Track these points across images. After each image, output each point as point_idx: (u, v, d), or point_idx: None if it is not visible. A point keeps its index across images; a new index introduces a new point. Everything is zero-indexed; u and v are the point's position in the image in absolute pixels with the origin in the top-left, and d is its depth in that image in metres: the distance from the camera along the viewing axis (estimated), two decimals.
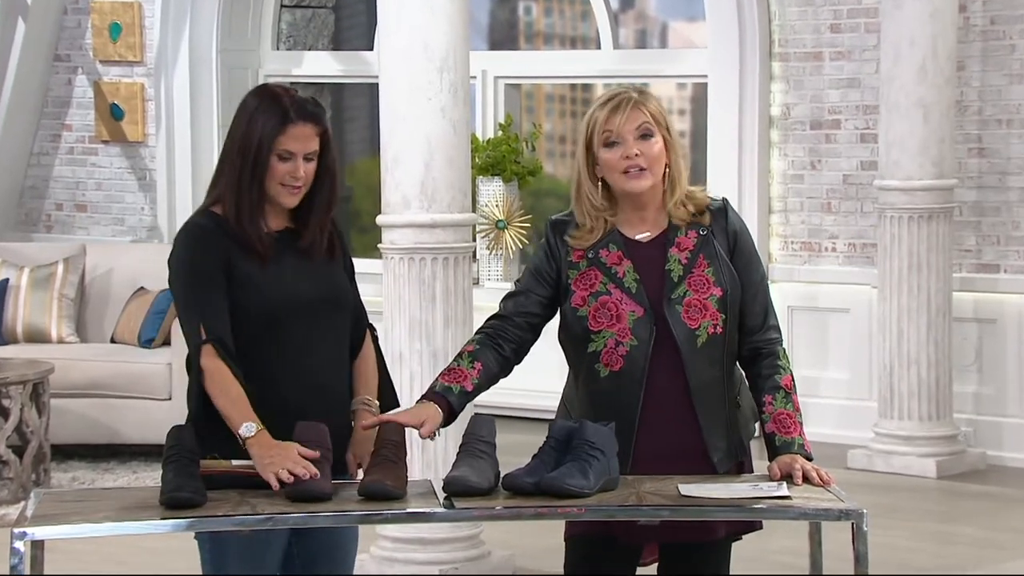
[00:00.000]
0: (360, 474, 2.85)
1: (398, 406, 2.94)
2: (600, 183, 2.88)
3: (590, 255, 2.87)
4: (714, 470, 2.88)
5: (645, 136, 2.84)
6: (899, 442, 6.15)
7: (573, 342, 2.88)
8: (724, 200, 2.94)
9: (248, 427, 2.74)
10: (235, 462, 2.77)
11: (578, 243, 2.87)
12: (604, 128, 2.84)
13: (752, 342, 2.90)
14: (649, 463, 2.86)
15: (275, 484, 2.68)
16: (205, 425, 2.77)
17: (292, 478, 2.68)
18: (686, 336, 2.83)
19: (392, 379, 2.99)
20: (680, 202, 2.88)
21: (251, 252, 2.81)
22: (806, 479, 2.82)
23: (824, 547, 2.94)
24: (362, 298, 2.99)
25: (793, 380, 2.91)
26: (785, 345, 2.96)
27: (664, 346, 2.84)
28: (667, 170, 2.88)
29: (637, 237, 2.89)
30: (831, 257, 6.76)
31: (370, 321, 2.98)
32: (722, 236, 2.89)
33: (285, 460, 2.70)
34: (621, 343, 2.83)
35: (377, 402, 2.91)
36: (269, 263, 2.81)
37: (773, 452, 2.88)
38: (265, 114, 2.81)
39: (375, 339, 2.97)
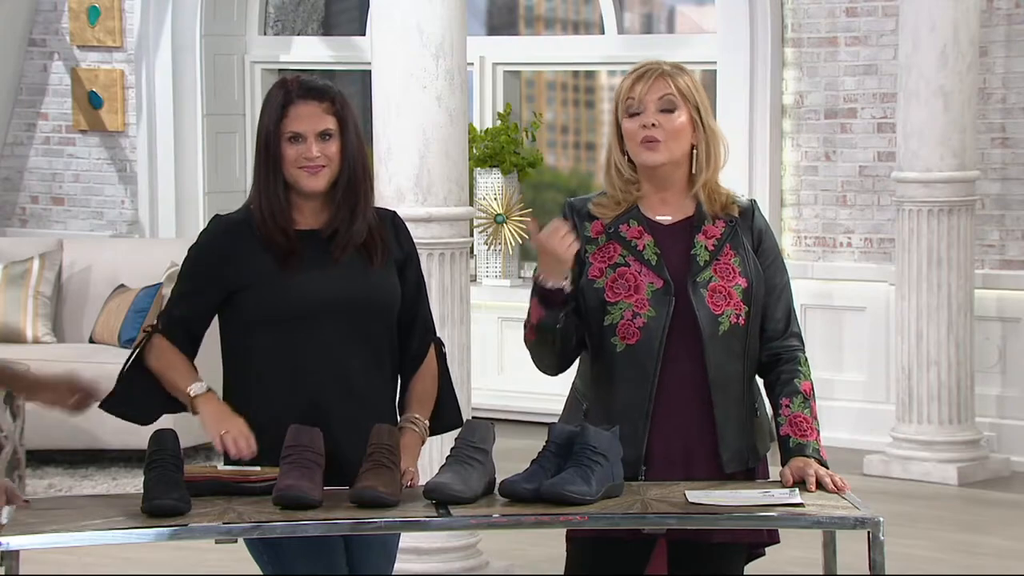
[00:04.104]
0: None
1: (461, 425, 2.95)
2: (627, 156, 2.92)
3: (610, 229, 2.91)
4: (721, 469, 2.89)
5: (667, 109, 2.88)
6: (918, 447, 6.16)
7: (589, 317, 2.90)
8: (752, 201, 3.00)
9: (199, 385, 2.83)
10: (220, 467, 2.79)
11: (602, 212, 2.91)
12: (627, 96, 2.89)
13: (772, 348, 2.94)
14: (661, 451, 2.87)
15: (218, 443, 2.76)
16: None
17: (234, 446, 2.75)
18: (708, 320, 2.87)
19: (457, 397, 3.00)
20: (709, 190, 2.92)
21: (273, 250, 2.85)
22: (819, 486, 2.83)
23: (839, 558, 2.95)
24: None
25: (813, 388, 2.95)
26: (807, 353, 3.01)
27: (684, 328, 2.87)
28: (694, 152, 2.90)
29: (658, 218, 2.93)
30: (846, 253, 6.77)
31: (437, 336, 2.99)
32: (748, 232, 2.94)
33: (237, 428, 2.77)
34: (638, 314, 2.86)
35: (426, 422, 2.93)
36: (291, 262, 2.84)
37: (787, 455, 2.90)
38: (271, 101, 2.86)
39: (442, 355, 2.98)
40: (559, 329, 2.85)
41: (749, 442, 2.93)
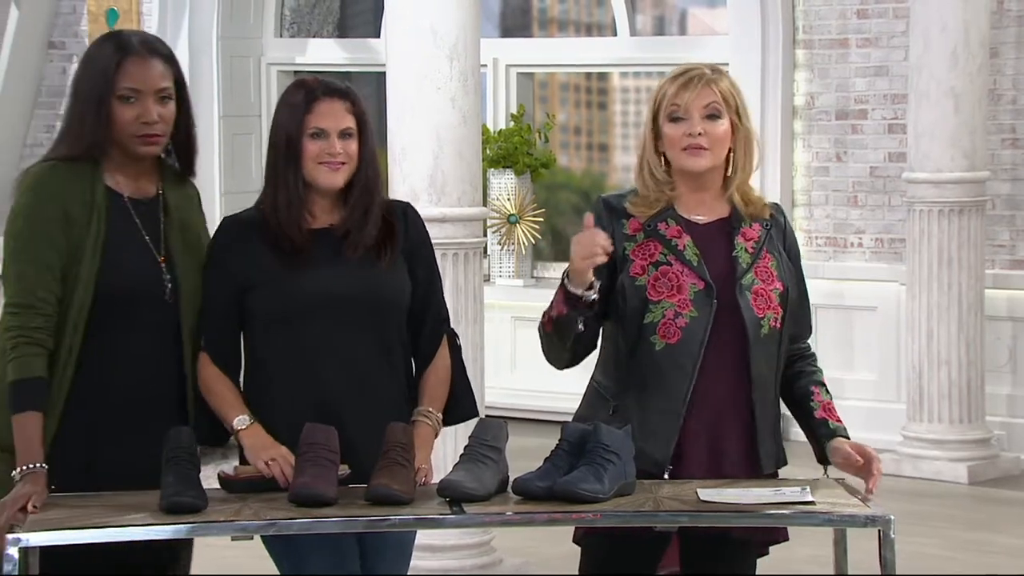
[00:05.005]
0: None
1: (476, 415, 2.96)
2: (663, 157, 2.93)
3: (647, 227, 2.90)
4: (760, 470, 2.90)
5: (712, 116, 2.89)
6: (929, 446, 6.14)
7: (628, 315, 2.88)
8: (780, 208, 3.02)
9: (241, 419, 2.82)
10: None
11: (638, 211, 2.91)
12: (672, 102, 2.89)
13: (791, 349, 2.96)
14: (689, 451, 2.86)
15: (265, 469, 2.76)
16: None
17: (281, 473, 2.75)
18: (753, 323, 2.87)
19: (472, 388, 2.99)
20: (743, 192, 2.93)
21: (284, 247, 2.85)
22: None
23: (850, 556, 2.94)
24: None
25: None
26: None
27: (728, 330, 2.86)
28: (731, 154, 2.92)
29: (694, 218, 2.93)
30: (857, 253, 6.75)
31: (451, 327, 2.97)
32: (780, 236, 2.96)
33: (283, 456, 2.77)
34: (680, 314, 2.85)
35: (439, 415, 2.92)
36: (301, 259, 2.85)
37: (829, 435, 2.90)
38: (292, 99, 2.86)
39: (456, 347, 2.96)
40: (576, 332, 2.83)
41: (779, 442, 2.94)
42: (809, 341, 3.01)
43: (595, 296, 2.81)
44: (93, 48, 2.85)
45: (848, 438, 2.90)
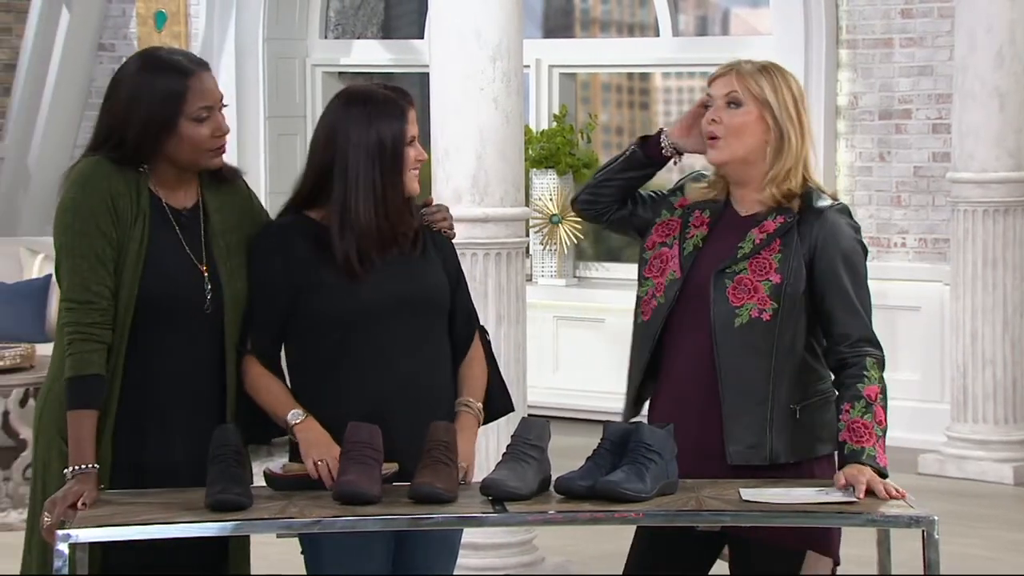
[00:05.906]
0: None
1: (512, 411, 3.00)
2: None
3: (686, 209, 2.96)
4: (726, 461, 2.83)
5: (731, 104, 2.88)
6: (973, 446, 6.09)
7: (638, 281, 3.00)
8: (834, 207, 2.90)
9: (295, 414, 2.82)
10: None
11: (691, 191, 2.96)
12: (708, 91, 2.94)
13: (839, 352, 2.87)
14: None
15: (312, 470, 2.76)
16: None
17: (328, 475, 2.74)
18: (724, 313, 2.85)
19: (506, 383, 3.00)
20: (777, 185, 2.88)
21: (356, 253, 2.83)
22: (871, 493, 2.76)
23: (894, 556, 2.91)
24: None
25: (880, 392, 2.83)
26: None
27: (697, 318, 2.87)
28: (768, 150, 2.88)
29: (739, 211, 2.93)
30: (901, 253, 6.70)
31: (481, 324, 3.00)
32: (808, 232, 2.87)
33: (332, 457, 2.75)
34: (655, 296, 2.92)
35: (479, 404, 2.93)
36: (360, 266, 2.85)
37: (842, 461, 2.83)
38: (386, 110, 2.84)
39: (487, 343, 2.99)
40: (625, 154, 2.96)
41: (783, 440, 2.85)
42: (871, 349, 2.84)
43: (671, 155, 2.94)
44: (143, 74, 2.82)
45: (862, 460, 2.76)
